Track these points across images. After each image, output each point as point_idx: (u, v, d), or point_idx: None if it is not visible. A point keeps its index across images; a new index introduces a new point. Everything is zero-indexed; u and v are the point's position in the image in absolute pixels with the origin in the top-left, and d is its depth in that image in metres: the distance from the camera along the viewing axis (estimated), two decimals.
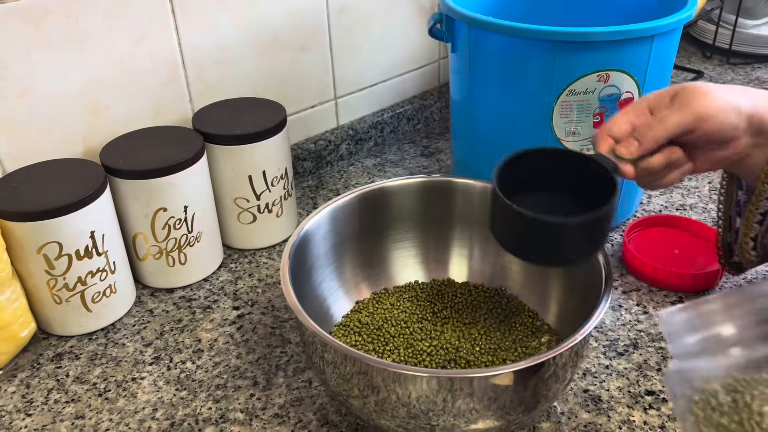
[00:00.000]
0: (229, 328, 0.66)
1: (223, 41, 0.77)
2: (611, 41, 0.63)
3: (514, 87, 0.68)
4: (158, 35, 0.71)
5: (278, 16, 0.80)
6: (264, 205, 0.74)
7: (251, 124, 0.71)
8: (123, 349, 0.64)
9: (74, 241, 0.60)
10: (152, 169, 0.64)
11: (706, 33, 1.25)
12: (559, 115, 0.67)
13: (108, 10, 0.67)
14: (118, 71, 0.70)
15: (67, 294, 0.62)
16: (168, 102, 0.75)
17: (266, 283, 0.72)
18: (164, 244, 0.68)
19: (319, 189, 0.88)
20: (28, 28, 0.62)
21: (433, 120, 1.03)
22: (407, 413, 0.47)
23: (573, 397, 0.57)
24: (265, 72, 0.82)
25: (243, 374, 0.60)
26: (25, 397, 0.59)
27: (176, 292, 0.71)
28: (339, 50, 0.89)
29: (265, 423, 0.55)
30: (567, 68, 0.64)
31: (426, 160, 0.94)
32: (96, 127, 0.70)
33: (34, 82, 0.65)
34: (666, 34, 0.65)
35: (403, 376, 0.45)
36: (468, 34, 0.69)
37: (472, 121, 0.75)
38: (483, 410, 0.47)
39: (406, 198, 0.65)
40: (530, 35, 0.63)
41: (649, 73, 0.66)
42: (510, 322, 0.62)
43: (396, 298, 0.64)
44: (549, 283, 0.63)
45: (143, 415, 0.57)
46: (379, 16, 0.91)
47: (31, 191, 0.61)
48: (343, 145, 0.93)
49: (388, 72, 0.96)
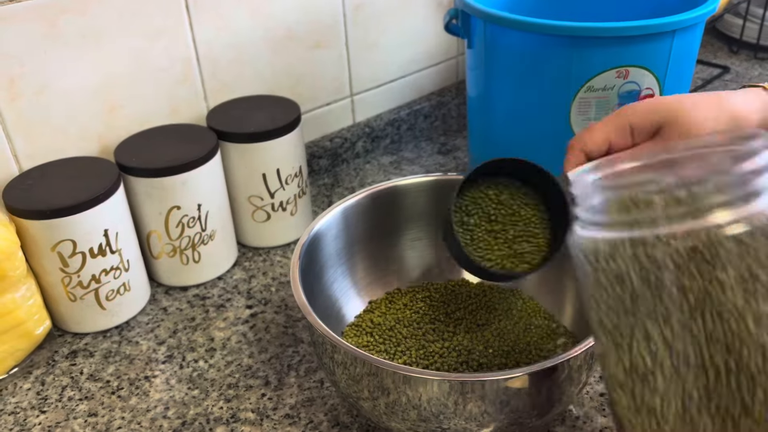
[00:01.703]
0: (242, 327, 0.66)
1: (238, 39, 0.77)
2: (630, 36, 0.62)
3: (531, 84, 0.67)
4: (173, 33, 0.71)
5: (293, 12, 0.80)
6: (278, 204, 0.74)
7: (265, 122, 0.70)
8: (136, 347, 0.64)
9: (88, 239, 0.61)
10: (166, 167, 0.64)
11: (733, 27, 1.22)
12: (577, 112, 0.66)
13: (123, 7, 0.67)
14: (133, 69, 0.70)
15: (81, 292, 0.63)
16: (183, 100, 0.75)
17: (280, 281, 0.72)
18: (178, 242, 0.68)
19: (335, 187, 0.88)
20: (43, 26, 0.63)
21: (450, 117, 1.02)
22: (418, 416, 0.47)
23: (589, 400, 0.56)
24: (280, 69, 0.82)
25: (255, 374, 0.60)
26: (40, 394, 0.59)
27: (190, 291, 0.71)
28: (355, 47, 0.88)
29: (276, 423, 0.55)
30: (585, 64, 0.63)
31: (443, 157, 0.94)
32: (111, 125, 0.70)
33: (49, 80, 0.65)
34: (688, 29, 0.64)
35: (413, 379, 0.45)
36: (484, 30, 0.68)
37: (488, 118, 0.74)
38: (495, 414, 0.46)
39: (419, 197, 0.64)
40: (547, 31, 0.62)
41: (670, 68, 0.65)
42: (525, 323, 0.61)
43: (409, 299, 0.63)
44: (565, 283, 0.62)
45: (155, 414, 0.57)
46: (396, 11, 0.90)
47: (46, 189, 0.61)
48: (359, 143, 0.92)
49: (406, 68, 0.96)
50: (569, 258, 0.61)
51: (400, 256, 0.66)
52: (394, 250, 0.66)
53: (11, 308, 0.59)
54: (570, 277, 0.61)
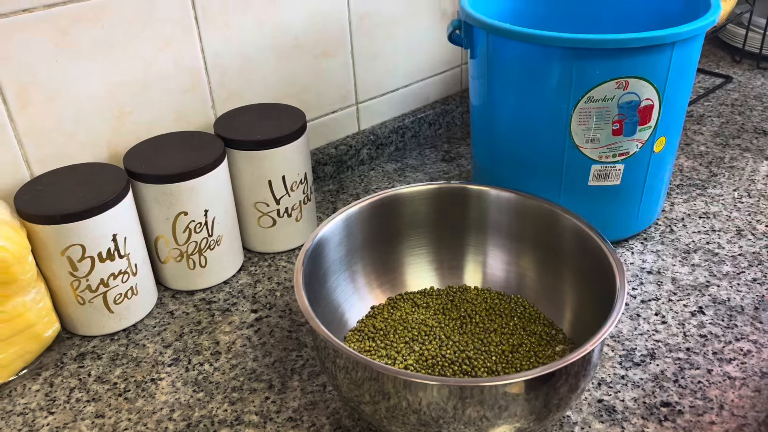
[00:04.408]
0: (246, 331, 0.66)
1: (246, 48, 0.78)
2: (630, 48, 0.62)
3: (533, 93, 0.68)
4: (182, 42, 0.72)
5: (300, 22, 0.81)
6: (283, 210, 0.74)
7: (271, 130, 0.71)
8: (143, 350, 0.65)
9: (97, 244, 0.62)
10: (174, 173, 0.65)
11: (735, 37, 1.23)
12: (577, 122, 0.67)
13: (133, 17, 0.68)
14: (143, 77, 0.71)
15: (90, 295, 0.64)
16: (191, 107, 0.76)
17: (285, 286, 0.72)
18: (185, 247, 0.69)
19: (340, 193, 0.89)
20: (56, 36, 0.64)
21: (454, 125, 1.03)
22: (418, 420, 0.47)
23: (587, 406, 0.57)
24: (286, 78, 0.83)
25: (259, 377, 0.61)
26: (48, 396, 0.60)
27: (197, 295, 0.72)
28: (361, 56, 0.89)
29: (279, 426, 0.56)
30: (585, 75, 0.64)
31: (447, 165, 0.94)
32: (120, 131, 0.72)
33: (61, 87, 0.66)
34: (687, 41, 0.64)
35: (413, 384, 0.45)
36: (486, 40, 0.69)
37: (491, 126, 0.75)
38: (494, 419, 0.47)
39: (420, 205, 0.65)
40: (548, 42, 0.63)
41: (670, 79, 0.65)
42: (525, 330, 0.61)
43: (411, 305, 0.64)
44: (564, 291, 0.62)
45: (161, 416, 0.58)
46: (401, 21, 0.91)
47: (56, 195, 0.62)
48: (364, 150, 0.93)
49: (410, 77, 0.96)
50: (569, 265, 0.62)
51: (402, 262, 0.67)
52: (397, 256, 0.66)
53: (21, 311, 0.60)
54: (569, 284, 0.62)
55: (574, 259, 0.61)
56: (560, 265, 0.62)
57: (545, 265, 0.64)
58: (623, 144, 0.68)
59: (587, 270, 0.58)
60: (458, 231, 0.66)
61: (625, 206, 0.73)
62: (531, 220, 0.63)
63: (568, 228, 0.60)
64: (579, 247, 0.59)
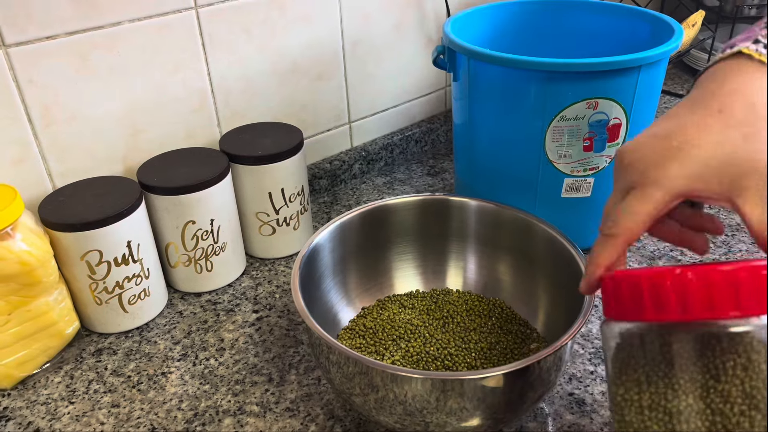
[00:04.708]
0: (248, 330, 0.68)
1: (248, 71, 0.79)
2: (599, 71, 0.63)
3: (510, 113, 0.69)
4: (190, 67, 0.74)
5: (298, 48, 0.82)
6: (282, 219, 0.76)
7: (271, 147, 0.73)
8: (155, 347, 0.66)
9: (113, 250, 0.63)
10: (183, 186, 0.66)
11: (699, 61, 1.24)
12: (551, 140, 0.68)
13: (146, 44, 0.69)
14: (155, 98, 0.72)
15: (106, 296, 0.65)
16: (198, 126, 0.77)
17: (283, 289, 0.74)
18: (193, 253, 0.70)
19: (334, 204, 0.90)
20: (76, 61, 0.65)
21: (439, 142, 1.04)
22: (404, 410, 0.48)
23: (559, 399, 0.58)
24: (285, 99, 0.84)
25: (260, 371, 0.62)
26: (69, 387, 0.61)
27: (203, 296, 0.73)
28: (353, 79, 0.90)
29: (277, 416, 0.57)
30: (558, 96, 0.65)
31: (432, 178, 0.96)
32: (134, 148, 0.73)
33: (80, 107, 0.68)
34: (652, 65, 0.65)
35: (399, 377, 0.46)
36: (468, 64, 0.70)
37: (471, 143, 0.76)
38: (473, 409, 0.47)
39: (406, 215, 0.66)
40: (524, 66, 0.63)
41: (636, 100, 0.66)
42: (502, 329, 0.62)
43: (398, 306, 0.65)
44: (538, 294, 0.63)
45: (170, 406, 0.59)
46: (390, 47, 0.93)
47: (76, 205, 0.63)
48: (356, 165, 0.95)
49: (399, 98, 0.98)
50: (542, 270, 0.63)
51: (390, 267, 0.68)
52: (385, 261, 0.67)
53: (45, 310, 0.61)
54: (543, 288, 0.63)
55: (548, 264, 0.61)
56: (534, 270, 0.63)
57: (521, 270, 0.65)
58: (593, 159, 0.68)
59: (559, 274, 0.59)
60: (441, 239, 0.67)
61: (595, 217, 0.72)
62: (508, 229, 0.64)
63: (542, 236, 0.61)
64: (552, 253, 0.60)
